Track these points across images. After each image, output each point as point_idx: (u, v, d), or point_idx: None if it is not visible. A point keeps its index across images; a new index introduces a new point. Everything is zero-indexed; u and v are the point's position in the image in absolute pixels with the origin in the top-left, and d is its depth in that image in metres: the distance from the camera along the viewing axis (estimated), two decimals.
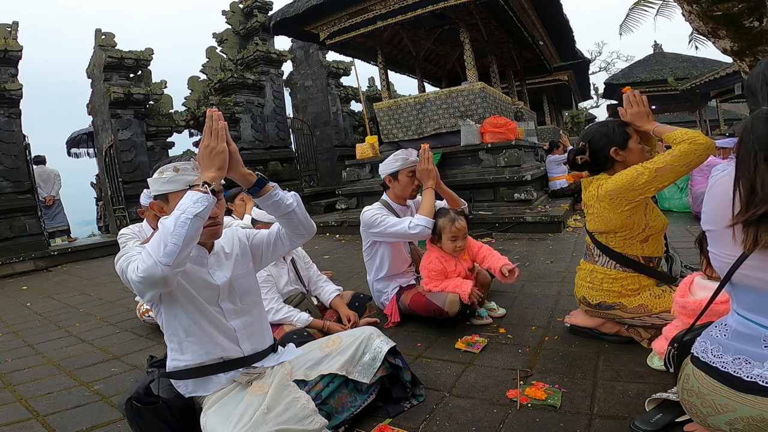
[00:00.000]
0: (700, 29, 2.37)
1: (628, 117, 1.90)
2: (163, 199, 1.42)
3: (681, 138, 1.67)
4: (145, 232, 3.03)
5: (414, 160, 2.61)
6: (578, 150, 1.97)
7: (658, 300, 1.84)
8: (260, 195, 1.43)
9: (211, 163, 1.29)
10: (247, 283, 1.56)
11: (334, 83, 12.19)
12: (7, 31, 6.88)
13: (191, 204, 1.20)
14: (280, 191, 1.45)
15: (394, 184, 2.64)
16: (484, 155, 5.89)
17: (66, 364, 2.50)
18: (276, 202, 1.45)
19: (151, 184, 1.43)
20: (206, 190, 1.23)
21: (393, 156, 2.63)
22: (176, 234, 1.16)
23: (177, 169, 1.38)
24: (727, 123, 18.18)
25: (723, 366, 0.99)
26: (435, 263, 2.42)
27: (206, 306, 1.42)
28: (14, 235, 6.58)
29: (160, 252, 1.15)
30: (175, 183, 1.38)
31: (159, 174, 1.40)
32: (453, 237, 2.39)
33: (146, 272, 1.16)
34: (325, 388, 1.48)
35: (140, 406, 1.39)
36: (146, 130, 8.26)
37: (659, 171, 1.69)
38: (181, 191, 1.34)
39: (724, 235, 0.99)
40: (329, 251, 5.27)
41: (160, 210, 1.43)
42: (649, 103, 1.92)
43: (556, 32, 8.63)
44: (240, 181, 1.40)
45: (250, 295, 1.57)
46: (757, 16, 2.09)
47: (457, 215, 2.43)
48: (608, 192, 1.81)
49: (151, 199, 2.78)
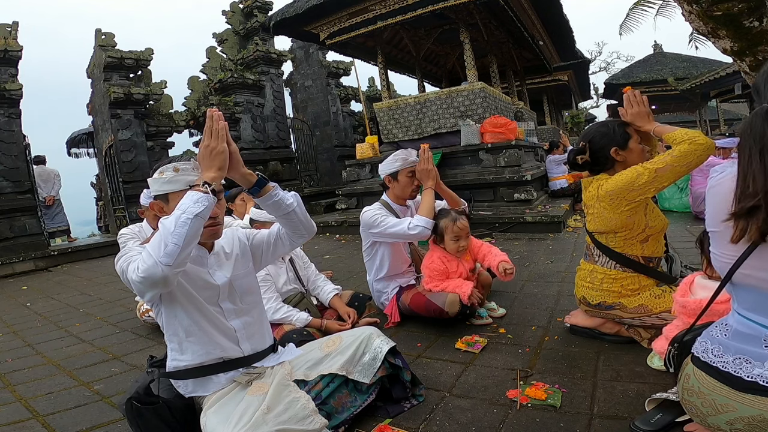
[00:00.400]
0: (700, 29, 2.37)
1: (628, 117, 1.90)
2: (164, 199, 1.42)
3: (681, 138, 1.68)
4: (145, 232, 3.03)
5: (414, 160, 2.61)
6: (578, 150, 1.98)
7: (658, 300, 1.84)
8: (260, 195, 1.44)
9: (211, 164, 1.29)
10: (247, 283, 1.56)
11: (334, 83, 12.19)
12: (7, 31, 6.88)
13: (191, 204, 1.20)
14: (280, 191, 1.46)
15: (393, 185, 2.64)
16: (484, 155, 5.89)
17: (66, 364, 2.50)
18: (276, 202, 1.45)
19: (151, 185, 1.42)
20: (206, 190, 1.24)
21: (393, 156, 2.63)
22: (177, 234, 1.16)
23: (177, 169, 1.37)
24: (727, 123, 18.19)
25: (723, 366, 0.99)
26: (437, 263, 2.42)
27: (206, 306, 1.42)
28: (14, 235, 6.58)
29: (160, 252, 1.15)
30: (176, 183, 1.37)
31: (159, 174, 1.39)
32: (456, 237, 2.39)
33: (147, 272, 1.16)
34: (325, 388, 1.48)
35: (140, 406, 1.39)
36: (146, 130, 8.26)
37: (659, 171, 1.69)
38: (181, 191, 1.34)
39: (724, 235, 0.99)
40: (329, 251, 5.26)
41: (160, 210, 1.43)
42: (649, 103, 1.92)
43: (556, 32, 8.63)
44: (240, 181, 1.41)
45: (250, 295, 1.57)
46: (757, 16, 2.09)
47: (459, 215, 2.44)
48: (608, 192, 1.81)
49: (151, 199, 2.79)
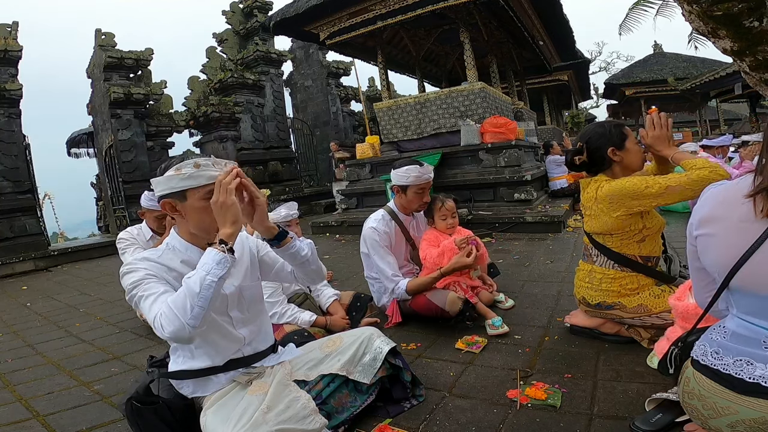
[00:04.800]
0: (700, 29, 2.36)
1: (648, 139, 1.85)
2: (179, 197, 1.35)
3: (702, 165, 1.66)
4: (143, 234, 3.01)
5: (426, 178, 2.52)
6: (576, 150, 1.97)
7: (658, 300, 1.84)
8: (281, 246, 1.48)
9: (224, 219, 1.27)
10: (255, 293, 1.57)
11: (334, 83, 12.19)
12: (7, 31, 6.89)
13: (215, 265, 1.20)
14: (297, 242, 1.51)
15: (401, 196, 2.62)
16: (484, 155, 5.88)
17: (66, 364, 2.50)
18: (293, 253, 1.51)
19: (164, 183, 1.34)
20: (224, 249, 1.23)
21: (406, 169, 2.52)
22: (203, 297, 1.17)
23: (198, 165, 1.32)
24: (727, 123, 18.19)
25: (724, 368, 0.99)
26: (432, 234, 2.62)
27: (216, 318, 1.41)
28: (14, 235, 6.58)
29: (187, 315, 1.16)
30: (196, 179, 1.32)
31: (176, 171, 1.32)
32: (443, 216, 2.60)
33: (175, 334, 1.17)
34: (326, 388, 1.48)
35: (140, 406, 1.39)
36: (146, 130, 8.26)
37: (670, 188, 1.68)
38: (201, 187, 1.32)
39: (727, 233, 1.00)
40: (329, 251, 5.26)
41: (172, 209, 1.37)
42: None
43: (556, 32, 8.62)
44: (263, 233, 1.46)
45: (257, 304, 1.59)
46: (757, 16, 2.09)
47: (446, 198, 2.63)
48: (608, 195, 1.81)
49: (154, 201, 2.77)
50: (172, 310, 1.17)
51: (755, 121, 12.83)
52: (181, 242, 1.42)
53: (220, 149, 9.55)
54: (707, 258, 1.08)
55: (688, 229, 1.13)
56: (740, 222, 0.99)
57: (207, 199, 1.31)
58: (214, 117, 9.30)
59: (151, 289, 1.26)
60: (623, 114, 19.52)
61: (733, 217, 1.00)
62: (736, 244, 0.98)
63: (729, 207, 1.02)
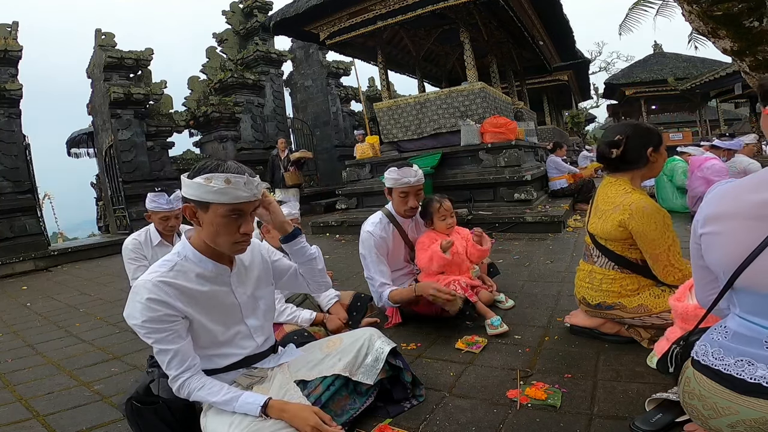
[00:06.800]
0: (700, 29, 2.37)
1: None
2: (203, 207, 1.30)
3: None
4: (150, 239, 2.86)
5: (406, 181, 2.45)
6: (614, 142, 1.88)
7: (658, 300, 1.84)
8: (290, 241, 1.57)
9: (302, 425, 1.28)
10: (269, 300, 1.59)
11: (334, 83, 12.18)
12: (7, 31, 6.89)
13: (243, 408, 1.28)
14: (304, 239, 1.60)
15: (390, 197, 2.61)
16: (484, 155, 5.88)
17: (66, 364, 2.50)
18: (301, 248, 1.58)
19: (192, 188, 1.28)
20: (261, 414, 1.27)
21: (391, 170, 2.51)
22: (218, 403, 1.30)
23: (229, 182, 1.26)
24: (727, 123, 18.19)
25: (725, 368, 0.99)
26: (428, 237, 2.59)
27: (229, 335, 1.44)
28: (14, 235, 6.58)
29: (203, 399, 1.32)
30: (224, 195, 1.26)
31: (205, 181, 1.26)
32: (442, 216, 2.58)
33: (185, 396, 1.33)
34: (325, 392, 1.47)
35: (140, 406, 1.39)
36: (146, 130, 8.26)
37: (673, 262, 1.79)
38: (226, 204, 1.28)
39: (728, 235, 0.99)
40: (329, 251, 5.26)
41: (192, 215, 1.33)
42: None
43: (556, 32, 8.63)
44: (278, 228, 1.54)
45: (270, 312, 1.60)
46: (757, 16, 2.09)
47: (442, 198, 2.62)
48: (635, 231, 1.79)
49: (158, 203, 2.74)
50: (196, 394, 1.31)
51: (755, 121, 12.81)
52: (194, 253, 1.38)
53: (220, 149, 9.55)
54: (712, 256, 1.07)
55: (692, 227, 1.12)
56: (748, 220, 0.97)
57: (228, 216, 1.29)
58: (214, 117, 9.30)
59: (163, 343, 1.29)
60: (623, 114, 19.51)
61: (740, 215, 0.99)
62: (743, 242, 0.97)
63: (736, 205, 1.01)
